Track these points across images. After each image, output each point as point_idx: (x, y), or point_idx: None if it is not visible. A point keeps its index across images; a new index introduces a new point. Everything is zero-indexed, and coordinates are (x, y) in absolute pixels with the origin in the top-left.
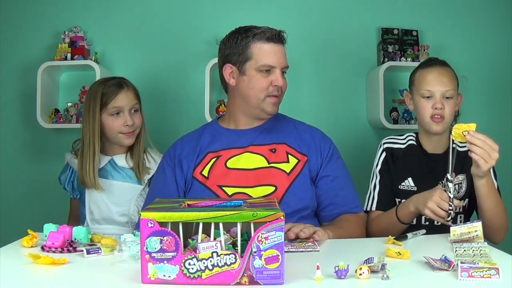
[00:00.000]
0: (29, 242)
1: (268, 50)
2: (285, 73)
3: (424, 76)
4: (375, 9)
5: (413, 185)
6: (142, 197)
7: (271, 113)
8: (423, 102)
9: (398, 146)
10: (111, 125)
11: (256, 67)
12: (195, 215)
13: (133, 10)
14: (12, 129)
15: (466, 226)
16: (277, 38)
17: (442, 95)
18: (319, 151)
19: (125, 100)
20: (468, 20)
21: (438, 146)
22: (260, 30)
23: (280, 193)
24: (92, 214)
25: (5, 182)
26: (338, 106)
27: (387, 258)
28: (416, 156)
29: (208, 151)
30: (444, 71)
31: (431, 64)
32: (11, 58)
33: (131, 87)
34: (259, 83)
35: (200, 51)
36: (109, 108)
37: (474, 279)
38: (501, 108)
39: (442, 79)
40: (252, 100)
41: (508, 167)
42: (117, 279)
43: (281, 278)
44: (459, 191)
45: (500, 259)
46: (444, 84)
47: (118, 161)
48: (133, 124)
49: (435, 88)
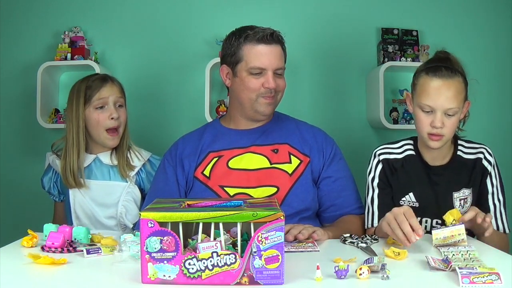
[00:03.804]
0: (29, 242)
1: (258, 51)
2: (280, 74)
3: (427, 86)
4: (375, 9)
5: (415, 200)
6: (130, 195)
7: (265, 114)
8: (421, 115)
9: (394, 157)
10: (96, 119)
11: (246, 69)
12: (195, 215)
13: (133, 10)
14: (12, 129)
15: (448, 230)
16: (268, 39)
17: (444, 112)
18: (322, 152)
19: (110, 92)
20: (468, 20)
21: (438, 156)
22: (253, 31)
23: (282, 194)
24: (78, 219)
25: (5, 182)
26: (338, 106)
27: (386, 258)
28: (416, 168)
29: (210, 150)
30: (452, 84)
31: (438, 71)
32: (11, 58)
33: (116, 81)
34: (250, 85)
35: (200, 51)
36: (93, 101)
37: (476, 286)
38: (501, 108)
39: (447, 94)
40: (245, 101)
41: (508, 167)
42: (117, 279)
43: (281, 278)
44: (464, 206)
45: (501, 259)
46: (448, 101)
47: (103, 159)
48: (118, 118)
49: (437, 104)
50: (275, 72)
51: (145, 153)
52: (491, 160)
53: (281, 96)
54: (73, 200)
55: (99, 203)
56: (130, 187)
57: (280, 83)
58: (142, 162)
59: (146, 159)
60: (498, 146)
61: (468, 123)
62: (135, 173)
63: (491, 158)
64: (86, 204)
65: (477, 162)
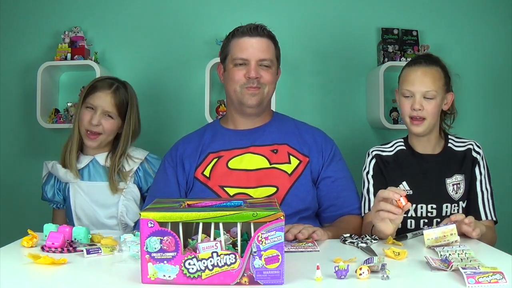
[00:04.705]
0: (29, 242)
1: (242, 43)
2: (267, 66)
3: (407, 75)
4: (375, 9)
5: (408, 188)
6: (129, 195)
7: (250, 105)
8: (403, 101)
9: (386, 154)
10: (81, 118)
11: (231, 61)
12: (195, 215)
13: (133, 10)
14: (12, 129)
15: (440, 230)
16: (252, 31)
17: (422, 95)
18: (321, 152)
19: (99, 100)
20: (468, 20)
21: (427, 146)
22: (241, 27)
23: (281, 194)
24: (80, 221)
25: (5, 182)
26: (338, 106)
27: (386, 258)
28: (408, 159)
29: (210, 151)
30: (429, 71)
31: (417, 63)
32: (11, 58)
33: (119, 94)
34: (234, 76)
35: (200, 51)
36: (87, 101)
37: (482, 285)
38: (500, 108)
39: (424, 79)
40: (232, 94)
41: (507, 167)
42: (117, 279)
43: (281, 278)
44: (457, 192)
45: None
46: (424, 85)
47: (99, 160)
48: (97, 125)
49: (415, 88)
50: (261, 64)
51: (142, 152)
52: (479, 151)
53: (269, 90)
54: (73, 202)
55: (100, 204)
56: (129, 187)
57: (264, 75)
58: (135, 165)
59: (143, 158)
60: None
61: (466, 121)
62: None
63: (480, 150)
64: (87, 205)
65: (467, 152)
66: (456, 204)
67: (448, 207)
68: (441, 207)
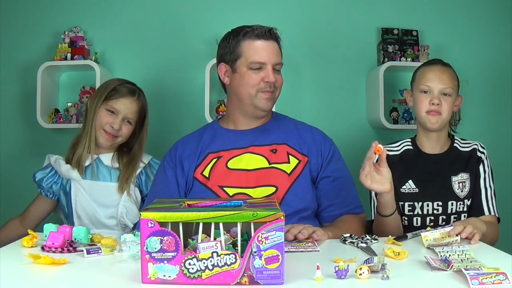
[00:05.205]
0: (29, 242)
1: (258, 47)
2: (278, 70)
3: (425, 72)
4: (375, 9)
5: (414, 186)
6: (131, 197)
7: (265, 109)
8: (421, 96)
9: (393, 153)
10: (101, 118)
11: (246, 64)
12: (195, 215)
13: (133, 10)
14: (12, 129)
15: (438, 232)
16: (267, 35)
17: (440, 91)
18: (320, 151)
19: (124, 106)
20: (468, 20)
21: (436, 145)
22: (251, 28)
23: (280, 193)
24: (79, 219)
25: (5, 182)
26: (338, 106)
27: (386, 258)
28: (414, 158)
29: (209, 151)
30: (445, 70)
31: (433, 63)
32: (11, 58)
33: (140, 101)
34: (250, 80)
35: (200, 51)
36: (109, 104)
37: (485, 286)
38: (500, 108)
39: (442, 77)
40: (245, 97)
41: (508, 167)
42: (117, 279)
43: (281, 278)
44: (463, 190)
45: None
46: (443, 82)
47: (104, 159)
48: (118, 130)
49: (434, 84)
50: (274, 68)
51: (146, 156)
52: (483, 151)
53: (279, 93)
54: (74, 200)
55: (100, 203)
56: (131, 189)
57: (278, 79)
58: (139, 169)
59: (146, 162)
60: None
61: (466, 121)
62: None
63: (484, 150)
64: (88, 204)
65: (472, 152)
66: (461, 202)
67: (454, 204)
68: (446, 205)
